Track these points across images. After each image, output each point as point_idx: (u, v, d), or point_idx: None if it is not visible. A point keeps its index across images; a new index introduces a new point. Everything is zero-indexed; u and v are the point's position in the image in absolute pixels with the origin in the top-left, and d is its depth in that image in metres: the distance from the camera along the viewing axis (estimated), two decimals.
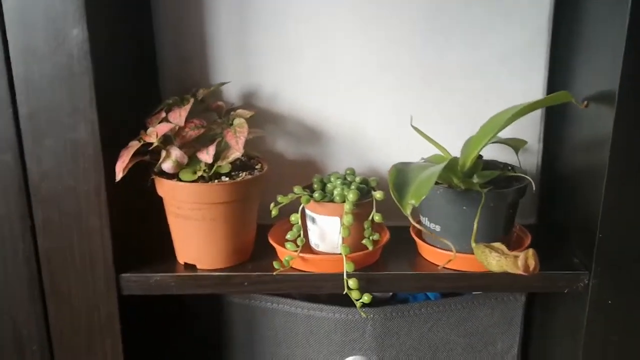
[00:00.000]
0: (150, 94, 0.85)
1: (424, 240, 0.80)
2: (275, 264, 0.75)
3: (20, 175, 0.69)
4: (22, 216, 0.71)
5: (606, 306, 0.77)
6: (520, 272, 0.63)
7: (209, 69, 0.85)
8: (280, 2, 0.83)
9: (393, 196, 0.65)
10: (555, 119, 0.88)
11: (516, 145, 0.87)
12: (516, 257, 0.63)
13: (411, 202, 0.63)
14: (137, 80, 0.82)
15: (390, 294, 0.93)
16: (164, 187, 0.74)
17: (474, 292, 0.91)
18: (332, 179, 0.80)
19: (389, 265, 0.79)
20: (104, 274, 0.74)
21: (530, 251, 0.63)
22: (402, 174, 0.68)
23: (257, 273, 0.76)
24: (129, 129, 0.75)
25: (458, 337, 0.93)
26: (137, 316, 0.81)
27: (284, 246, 0.78)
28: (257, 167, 0.80)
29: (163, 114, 0.74)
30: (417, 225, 0.75)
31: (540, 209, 0.93)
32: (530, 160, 0.91)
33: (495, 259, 0.65)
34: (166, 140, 0.73)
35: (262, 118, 0.85)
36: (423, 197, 0.62)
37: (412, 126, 0.79)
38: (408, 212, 0.63)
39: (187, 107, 0.73)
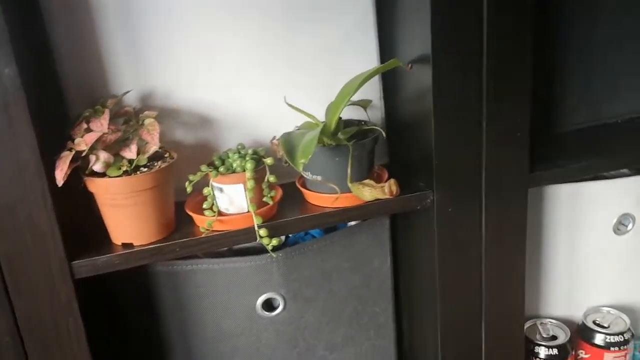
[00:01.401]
0: (60, 109, 0.98)
1: (308, 189, 1.02)
2: (201, 228, 0.93)
3: None
4: None
5: (447, 214, 1.01)
6: (387, 196, 0.86)
7: (108, 80, 0.98)
8: (161, 11, 0.97)
9: (287, 159, 0.85)
10: (390, 80, 1.09)
11: (364, 104, 1.09)
12: (382, 186, 0.86)
13: (301, 161, 0.83)
14: (51, 99, 0.95)
15: (283, 239, 1.12)
16: (97, 185, 0.88)
17: (349, 224, 1.13)
18: (229, 155, 0.98)
19: (286, 213, 0.98)
20: (59, 264, 0.87)
21: (392, 180, 0.87)
22: (288, 142, 0.88)
23: (184, 239, 0.92)
24: (54, 141, 0.88)
25: (344, 262, 1.11)
26: (88, 296, 0.96)
27: (201, 214, 0.95)
28: (166, 155, 0.95)
29: (84, 125, 0.88)
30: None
31: (390, 151, 1.15)
32: (376, 114, 1.13)
33: (367, 191, 0.88)
34: (91, 146, 0.88)
35: (160, 115, 0.99)
36: (310, 156, 0.83)
37: (287, 103, 0.99)
38: (301, 169, 0.84)
39: (106, 116, 0.87)
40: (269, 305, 1.09)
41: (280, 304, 1.08)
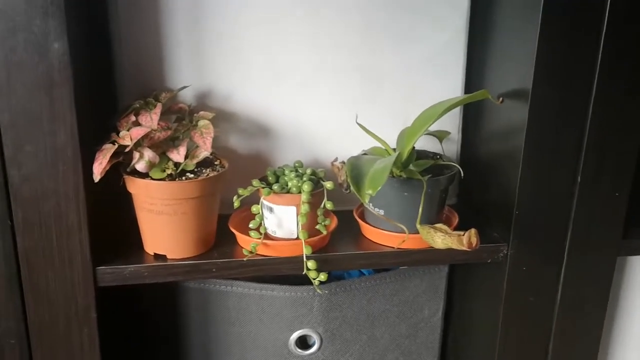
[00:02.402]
0: (110, 97, 0.90)
1: (367, 223, 0.91)
2: (245, 251, 0.82)
3: (0, 179, 0.73)
4: (1, 217, 0.75)
5: (521, 272, 0.89)
6: (464, 248, 0.75)
7: (165, 73, 0.90)
8: (232, 10, 0.90)
9: (351, 186, 0.74)
10: (472, 112, 0.99)
11: (441, 135, 0.99)
12: (460, 235, 0.75)
13: (369, 192, 0.73)
14: (101, 85, 0.86)
15: None
16: (137, 185, 0.79)
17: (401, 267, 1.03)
18: (285, 172, 0.88)
19: (339, 247, 0.88)
20: (82, 268, 0.78)
21: (473, 231, 0.75)
22: (356, 167, 0.78)
23: (223, 260, 0.83)
24: (97, 131, 0.80)
25: (392, 306, 1.02)
26: (109, 306, 0.86)
27: (244, 234, 0.86)
28: (216, 163, 0.86)
29: (132, 117, 0.79)
30: (384, 218, 0.84)
31: (460, 191, 1.05)
32: (451, 148, 1.02)
33: (440, 238, 0.76)
34: (136, 142, 0.78)
35: (216, 117, 0.90)
36: (379, 188, 0.72)
37: (358, 123, 0.88)
38: (367, 201, 0.73)
39: (158, 110, 0.78)
40: (303, 342, 1.01)
41: (315, 343, 1.00)
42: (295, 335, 0.98)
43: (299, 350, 0.99)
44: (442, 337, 1.10)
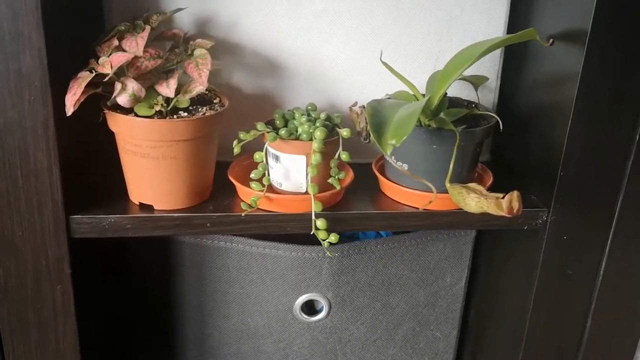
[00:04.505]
0: (94, 17, 0.77)
1: (388, 178, 0.79)
2: (243, 205, 0.72)
3: None
4: None
5: (561, 241, 0.79)
6: (504, 213, 0.62)
7: None
8: None
9: (372, 135, 0.62)
10: (515, 55, 0.87)
11: (477, 82, 0.87)
12: (498, 198, 0.62)
13: (392, 142, 0.60)
14: (82, 3, 0.74)
15: None
16: (119, 122, 0.68)
17: None
18: (295, 115, 0.76)
19: (353, 204, 0.77)
20: (53, 215, 0.68)
21: (515, 193, 0.63)
22: (378, 113, 0.66)
23: (219, 214, 0.73)
24: (73, 56, 0.68)
25: (410, 272, 0.94)
26: (85, 259, 0.76)
27: (246, 185, 0.74)
28: (215, 101, 0.75)
29: (115, 42, 0.67)
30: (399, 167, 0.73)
31: (494, 146, 0.93)
32: (487, 96, 0.91)
33: (474, 200, 0.64)
34: (119, 72, 0.66)
35: (218, 48, 0.79)
36: (405, 138, 0.60)
37: (382, 61, 0.76)
38: (388, 152, 0.61)
39: (145, 34, 0.66)
40: (310, 307, 0.92)
41: (323, 309, 0.93)
42: (301, 299, 0.90)
43: (305, 316, 0.91)
44: (464, 307, 1.01)
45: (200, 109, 0.71)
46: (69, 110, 0.63)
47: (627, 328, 0.87)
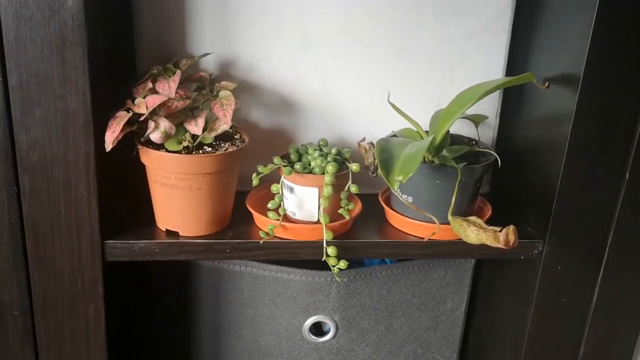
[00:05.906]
0: (127, 61, 0.85)
1: (393, 209, 0.85)
2: (261, 233, 0.78)
3: (7, 143, 0.68)
4: (7, 184, 0.70)
5: (556, 271, 0.83)
6: (500, 245, 0.69)
7: (187, 38, 0.85)
8: None
9: (380, 170, 0.69)
10: (513, 96, 0.93)
11: (477, 120, 0.92)
12: (496, 231, 0.69)
13: (398, 178, 0.67)
14: (118, 49, 0.81)
15: None
16: (151, 157, 0.74)
17: None
18: (309, 150, 0.82)
19: (361, 233, 0.83)
20: (90, 240, 0.74)
21: (511, 228, 0.69)
22: (386, 151, 0.72)
23: (239, 240, 0.78)
24: (111, 98, 0.75)
25: (413, 297, 0.98)
26: (114, 281, 0.82)
27: (262, 213, 0.80)
28: (236, 137, 0.81)
29: (149, 84, 0.74)
30: (408, 204, 0.79)
31: (493, 179, 0.99)
32: (487, 133, 0.96)
33: (474, 233, 0.70)
34: (152, 111, 0.73)
35: (239, 88, 0.85)
36: (411, 174, 0.66)
37: (389, 102, 0.82)
38: (396, 187, 0.67)
39: (176, 78, 0.73)
40: (317, 329, 0.97)
41: (331, 330, 0.96)
42: (310, 321, 0.95)
43: (313, 337, 0.96)
44: (464, 331, 1.05)
45: (222, 145, 0.78)
46: (109, 146, 0.69)
47: (618, 353, 0.91)
